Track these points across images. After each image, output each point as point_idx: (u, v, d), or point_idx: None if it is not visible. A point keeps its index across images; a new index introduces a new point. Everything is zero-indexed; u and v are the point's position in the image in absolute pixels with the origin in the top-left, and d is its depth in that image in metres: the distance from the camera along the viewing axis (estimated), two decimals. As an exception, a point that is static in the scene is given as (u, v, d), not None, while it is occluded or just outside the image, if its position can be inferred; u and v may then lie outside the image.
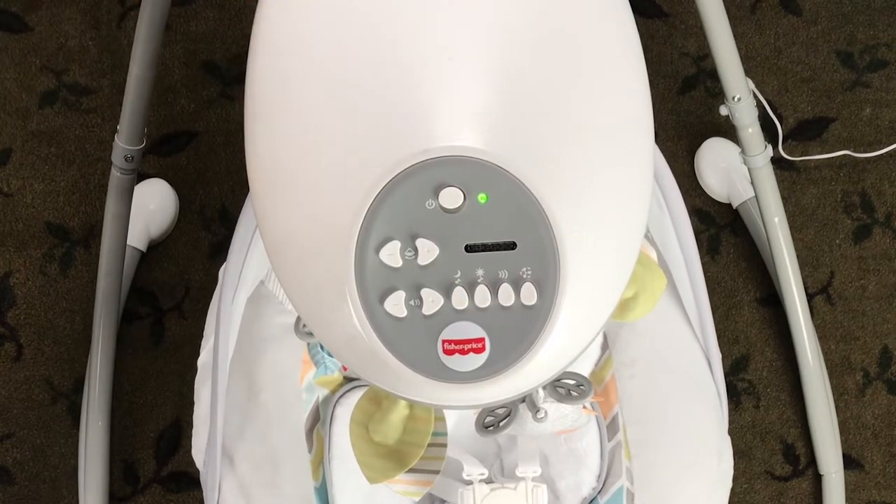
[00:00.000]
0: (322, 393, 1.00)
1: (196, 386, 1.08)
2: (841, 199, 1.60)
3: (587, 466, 0.99)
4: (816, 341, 1.50)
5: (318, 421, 1.00)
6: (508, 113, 0.71)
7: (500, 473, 1.00)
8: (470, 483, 0.90)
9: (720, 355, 1.05)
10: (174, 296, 1.58)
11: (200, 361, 1.09)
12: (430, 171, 0.69)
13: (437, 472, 0.92)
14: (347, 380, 1.01)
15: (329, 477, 0.97)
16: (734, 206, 1.59)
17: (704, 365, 1.03)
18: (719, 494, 1.01)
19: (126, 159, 1.34)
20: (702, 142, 1.61)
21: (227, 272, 1.01)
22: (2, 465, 1.53)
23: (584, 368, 1.00)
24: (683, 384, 1.02)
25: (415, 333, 0.69)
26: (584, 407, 0.96)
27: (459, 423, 0.99)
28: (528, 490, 0.89)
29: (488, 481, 0.91)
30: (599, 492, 0.99)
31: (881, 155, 1.60)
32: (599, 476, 0.99)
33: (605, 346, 1.02)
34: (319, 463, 0.98)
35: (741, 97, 1.26)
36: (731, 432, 1.44)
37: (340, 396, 1.00)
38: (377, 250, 0.68)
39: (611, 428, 1.00)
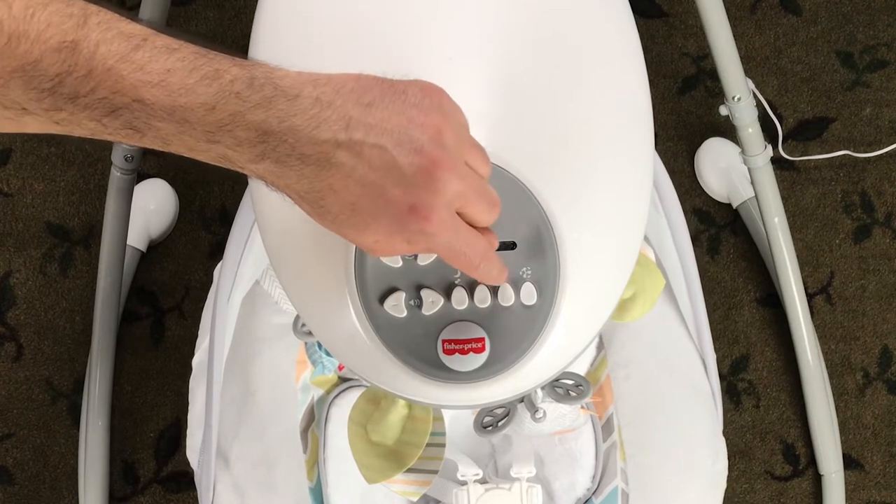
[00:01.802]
0: (317, 393, 1.00)
1: (191, 385, 1.08)
2: (841, 199, 1.60)
3: (582, 467, 0.99)
4: (816, 341, 1.49)
5: (313, 421, 1.00)
6: (508, 113, 0.71)
7: (495, 474, 1.00)
8: (464, 483, 0.90)
9: (715, 356, 1.05)
10: (174, 296, 1.58)
11: (195, 361, 1.09)
12: (430, 170, 0.69)
13: (435, 473, 0.92)
14: (342, 380, 1.01)
15: (324, 477, 0.97)
16: (734, 206, 1.59)
17: (699, 366, 1.03)
18: (713, 495, 1.01)
19: (126, 159, 1.34)
20: (702, 142, 1.61)
21: (222, 272, 1.01)
22: (2, 465, 1.53)
23: (580, 369, 1.00)
24: (678, 385, 1.02)
25: (415, 333, 0.69)
26: (582, 407, 0.96)
27: (454, 423, 0.99)
28: (523, 490, 0.89)
29: (483, 482, 0.91)
30: (594, 492, 0.99)
31: (881, 155, 1.60)
32: (594, 477, 0.99)
33: (600, 346, 1.02)
34: (314, 463, 0.98)
35: (741, 97, 1.26)
36: (731, 432, 1.44)
37: (335, 397, 1.00)
38: (377, 250, 0.68)
39: (606, 428, 1.00)
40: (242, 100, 0.54)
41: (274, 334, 1.02)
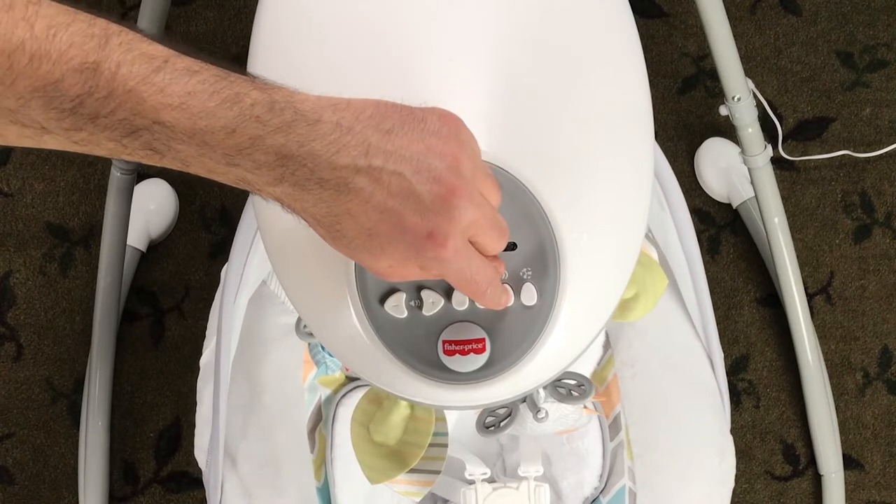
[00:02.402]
0: (324, 393, 1.00)
1: (199, 386, 1.08)
2: (841, 199, 1.60)
3: (589, 466, 0.99)
4: (816, 341, 1.49)
5: (321, 421, 1.00)
6: (509, 113, 0.71)
7: (503, 473, 1.00)
8: (472, 482, 0.90)
9: (722, 354, 1.05)
10: (174, 296, 1.58)
11: (203, 361, 1.09)
12: (430, 171, 0.69)
13: (437, 473, 0.92)
14: (350, 379, 1.00)
15: (331, 477, 0.97)
16: (734, 206, 1.59)
17: (706, 364, 1.03)
18: (721, 494, 1.01)
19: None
20: (702, 142, 1.61)
21: (228, 272, 1.01)
22: (2, 465, 1.53)
23: (586, 368, 1.00)
24: (685, 383, 1.02)
25: (415, 334, 0.69)
26: (586, 407, 0.96)
27: (461, 423, 0.99)
28: (531, 489, 0.89)
29: (490, 481, 0.91)
30: (602, 491, 0.99)
31: (881, 155, 1.60)
32: (602, 476, 0.99)
33: (606, 345, 1.02)
34: (322, 463, 0.98)
35: (741, 97, 1.26)
36: (731, 432, 1.44)
37: (342, 396, 1.00)
38: (377, 250, 0.68)
39: (613, 427, 1.00)
40: (262, 123, 0.54)
41: (280, 334, 1.02)
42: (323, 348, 0.99)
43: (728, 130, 1.60)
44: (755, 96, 1.28)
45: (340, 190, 0.56)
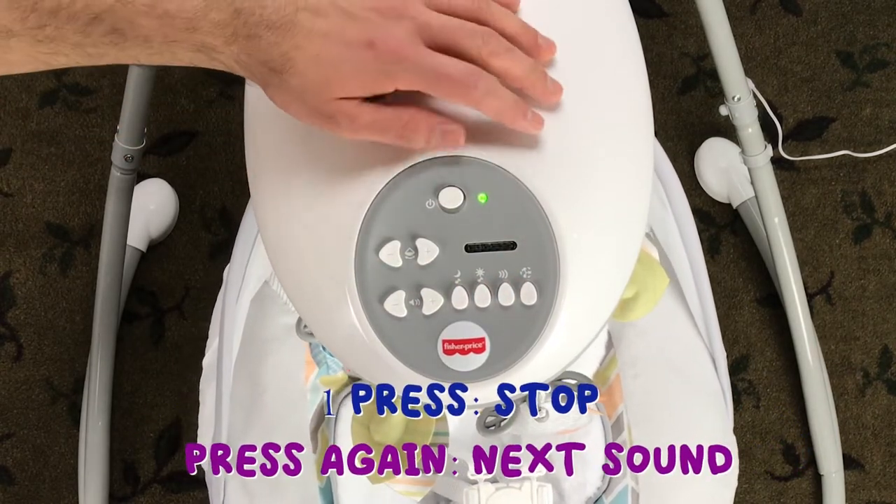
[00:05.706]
0: (326, 393, 1.00)
1: (201, 386, 1.08)
2: (841, 199, 1.61)
3: (591, 466, 0.99)
4: (816, 341, 1.49)
5: (323, 421, 1.00)
6: (508, 113, 0.71)
7: (505, 473, 1.00)
8: (475, 483, 0.90)
9: (725, 354, 1.05)
10: (174, 296, 1.58)
11: (205, 362, 1.09)
12: (429, 170, 0.69)
13: (438, 472, 0.92)
14: (352, 379, 1.00)
15: (333, 477, 0.97)
16: (734, 206, 1.60)
17: (709, 364, 1.03)
18: (724, 494, 1.00)
19: (126, 159, 1.34)
20: (702, 142, 1.61)
21: (230, 273, 1.01)
22: (2, 465, 1.53)
23: (589, 368, 1.00)
24: (688, 383, 1.02)
25: (415, 333, 0.69)
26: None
27: (464, 423, 0.98)
28: (533, 490, 0.89)
29: (493, 481, 0.91)
30: (604, 491, 0.99)
31: (881, 155, 1.60)
32: (604, 476, 0.99)
33: (609, 345, 1.01)
34: (324, 463, 0.98)
35: (741, 97, 1.26)
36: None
37: (345, 396, 1.00)
38: (377, 250, 0.68)
39: (615, 427, 0.99)
40: None
41: (283, 334, 1.02)
42: (324, 348, 0.99)
43: (728, 130, 1.60)
44: (755, 96, 1.28)
45: (287, 28, 0.63)
